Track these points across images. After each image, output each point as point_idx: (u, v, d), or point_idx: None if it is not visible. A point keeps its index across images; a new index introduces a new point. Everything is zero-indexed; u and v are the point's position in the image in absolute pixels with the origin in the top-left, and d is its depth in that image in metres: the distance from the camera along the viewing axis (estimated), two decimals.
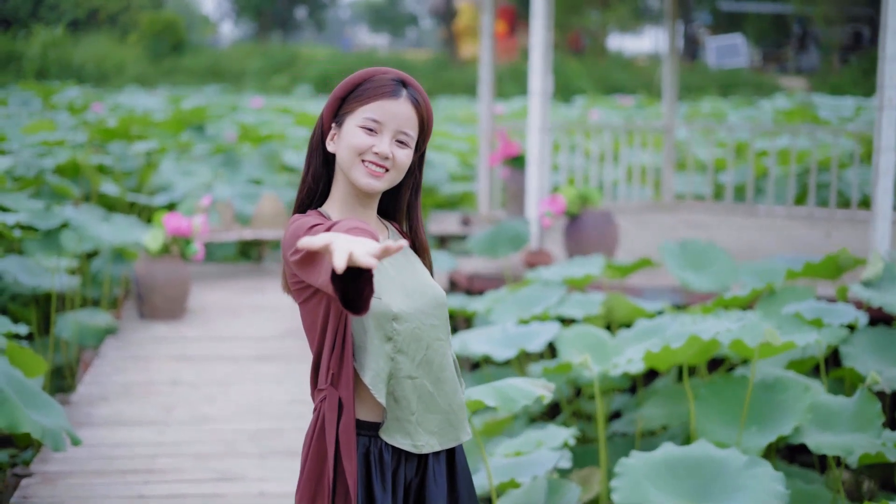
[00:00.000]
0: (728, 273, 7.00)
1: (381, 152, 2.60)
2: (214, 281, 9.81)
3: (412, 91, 2.66)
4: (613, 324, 6.82)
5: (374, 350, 2.57)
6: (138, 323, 8.17)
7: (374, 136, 2.61)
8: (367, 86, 2.63)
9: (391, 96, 2.62)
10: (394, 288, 2.62)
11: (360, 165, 2.61)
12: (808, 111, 17.83)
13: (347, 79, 2.67)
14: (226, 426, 5.86)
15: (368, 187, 2.62)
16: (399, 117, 2.62)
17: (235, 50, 43.38)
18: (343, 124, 2.64)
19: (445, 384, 2.69)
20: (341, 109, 2.66)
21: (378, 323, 2.57)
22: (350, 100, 2.64)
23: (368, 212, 2.72)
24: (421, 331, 2.63)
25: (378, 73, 2.66)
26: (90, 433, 5.67)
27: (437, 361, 2.67)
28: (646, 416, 5.48)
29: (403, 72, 2.69)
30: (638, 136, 12.03)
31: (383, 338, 2.58)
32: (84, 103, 18.73)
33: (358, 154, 2.61)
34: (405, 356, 2.60)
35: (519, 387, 3.68)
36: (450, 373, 2.71)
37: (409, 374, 2.61)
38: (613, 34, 48.24)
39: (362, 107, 2.61)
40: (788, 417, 4.59)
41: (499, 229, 8.41)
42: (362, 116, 2.61)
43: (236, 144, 13.86)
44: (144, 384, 6.61)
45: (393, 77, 2.65)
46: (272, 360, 7.20)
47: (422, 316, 2.64)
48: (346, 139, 2.62)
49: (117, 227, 8.66)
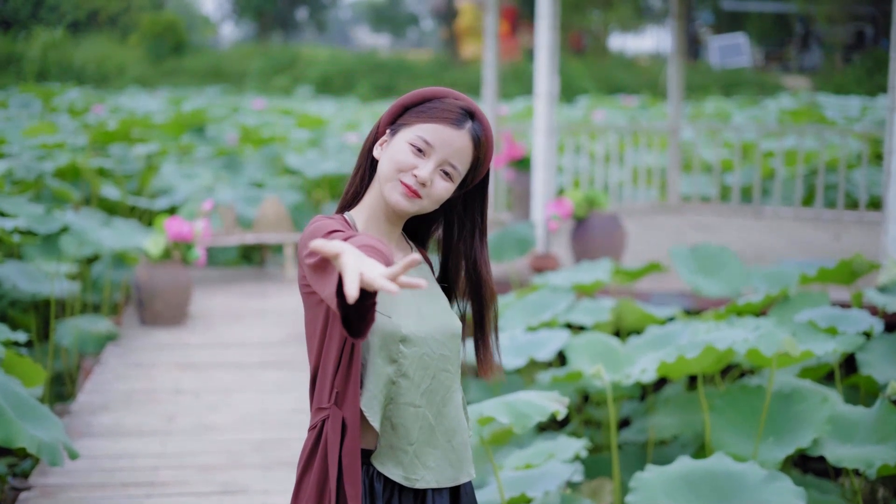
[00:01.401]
0: (739, 278, 6.89)
1: (421, 177, 2.44)
2: (216, 285, 9.71)
3: (477, 126, 2.50)
4: (623, 330, 6.71)
5: (374, 370, 2.43)
6: (139, 329, 8.05)
7: (420, 157, 2.45)
8: (434, 105, 2.49)
9: (453, 124, 2.47)
10: (407, 308, 2.48)
11: (397, 183, 2.46)
12: (813, 111, 17.70)
13: (418, 90, 2.52)
14: (229, 436, 5.75)
15: (397, 206, 2.48)
16: (452, 147, 2.46)
17: (236, 51, 43.25)
18: (396, 134, 2.49)
19: (446, 419, 2.53)
20: (401, 118, 2.51)
21: (383, 343, 2.43)
22: (412, 112, 2.49)
23: (394, 228, 2.57)
24: (429, 358, 2.48)
25: (450, 96, 2.51)
26: (91, 444, 5.56)
27: (442, 394, 2.52)
28: (658, 425, 5.37)
29: (474, 102, 2.54)
30: (643, 137, 11.93)
31: (386, 359, 2.44)
32: (85, 105, 18.63)
33: (398, 170, 2.46)
34: (409, 381, 2.46)
35: (532, 402, 3.56)
36: (453, 408, 2.55)
37: (411, 401, 2.47)
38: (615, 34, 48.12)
39: (421, 124, 2.46)
40: (806, 429, 4.48)
41: (504, 233, 8.30)
42: (416, 134, 2.46)
43: (238, 147, 13.75)
44: (146, 392, 6.50)
45: (462, 105, 2.50)
46: (276, 366, 7.09)
47: (432, 343, 2.49)
48: (392, 151, 2.47)
49: (118, 231, 8.55)
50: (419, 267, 2.60)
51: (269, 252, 10.64)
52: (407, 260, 1.97)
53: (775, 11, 40.61)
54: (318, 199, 12.77)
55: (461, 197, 2.59)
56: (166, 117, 16.03)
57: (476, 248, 2.61)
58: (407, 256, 1.99)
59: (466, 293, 2.65)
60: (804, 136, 11.23)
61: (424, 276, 2.59)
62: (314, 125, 17.05)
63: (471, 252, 2.61)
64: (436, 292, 2.59)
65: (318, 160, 12.68)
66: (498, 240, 8.24)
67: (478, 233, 2.62)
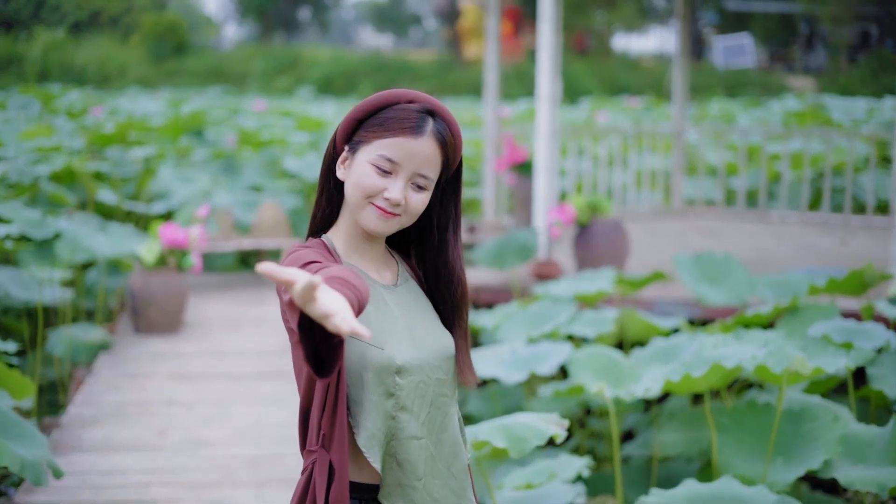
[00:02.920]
0: (745, 286, 6.73)
1: (393, 199, 2.28)
2: (213, 292, 9.55)
3: (439, 124, 2.32)
4: (626, 340, 6.55)
5: (371, 407, 2.27)
6: (133, 338, 7.90)
7: (387, 178, 2.29)
8: (389, 115, 2.29)
9: (413, 133, 2.28)
10: (399, 335, 2.32)
11: (370, 207, 2.30)
12: (819, 113, 17.54)
13: (368, 100, 2.32)
14: (222, 451, 5.59)
15: (376, 230, 2.32)
16: (418, 158, 2.29)
17: (238, 51, 43.12)
18: (356, 153, 2.32)
19: (444, 446, 2.38)
20: (357, 134, 2.33)
21: (378, 377, 2.26)
22: (367, 126, 2.31)
23: (375, 247, 2.41)
24: (426, 385, 2.33)
25: (402, 99, 2.31)
26: (80, 459, 5.41)
27: (439, 420, 2.37)
28: (662, 441, 5.21)
29: (430, 97, 2.34)
30: (647, 139, 11.77)
31: (384, 393, 2.27)
32: (83, 107, 18.49)
33: (367, 196, 2.30)
34: (409, 414, 2.30)
35: (530, 425, 3.41)
36: (451, 434, 2.40)
37: (414, 434, 2.31)
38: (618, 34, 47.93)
39: (379, 140, 2.28)
40: (817, 450, 4.32)
41: (506, 240, 8.14)
42: (376, 153, 2.28)
43: (236, 150, 13.60)
44: (138, 404, 6.34)
45: (419, 108, 2.31)
46: (272, 377, 6.93)
47: (428, 369, 2.33)
48: (355, 175, 2.30)
49: (113, 237, 8.37)
50: (407, 283, 2.44)
51: (267, 257, 10.48)
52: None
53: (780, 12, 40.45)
54: None
55: (437, 194, 2.42)
56: (165, 120, 15.88)
57: (449, 240, 2.43)
58: (354, 326, 1.80)
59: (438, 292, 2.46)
60: (810, 139, 11.07)
61: (412, 291, 2.43)
62: (314, 127, 16.90)
63: (444, 245, 2.43)
64: (426, 309, 2.43)
65: (317, 163, 12.52)
66: (499, 247, 8.08)
67: (451, 225, 2.44)
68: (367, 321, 2.28)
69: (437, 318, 2.44)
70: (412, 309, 2.39)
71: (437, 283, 2.45)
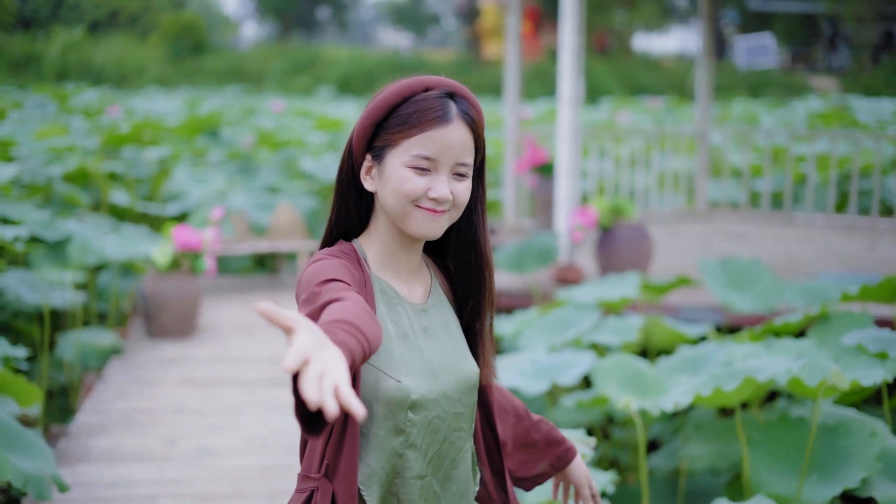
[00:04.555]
0: (773, 293, 6.52)
1: (441, 196, 2.08)
2: (227, 295, 9.38)
3: (462, 105, 2.11)
4: (651, 348, 6.34)
5: (377, 442, 2.07)
6: (145, 342, 7.73)
7: (427, 175, 2.08)
8: (410, 109, 2.08)
9: (441, 122, 2.07)
10: (419, 365, 2.11)
11: (415, 212, 2.10)
12: (844, 114, 17.26)
13: (381, 100, 2.11)
14: (232, 462, 5.41)
15: (429, 235, 2.12)
16: (454, 147, 2.09)
17: (257, 51, 43.05)
18: (384, 159, 2.11)
19: (453, 484, 2.18)
20: (377, 139, 2.12)
21: (390, 411, 2.06)
22: (389, 127, 2.10)
23: (412, 255, 2.21)
24: (441, 421, 2.13)
25: (418, 87, 2.10)
26: (86, 470, 5.24)
27: (451, 457, 2.17)
28: (689, 455, 5.00)
29: (444, 79, 2.14)
30: (670, 141, 11.55)
31: (392, 429, 2.08)
32: (99, 107, 18.36)
33: (411, 201, 2.09)
34: (416, 452, 2.11)
35: None
36: (462, 471, 2.20)
37: (418, 473, 2.12)
38: (638, 34, 47.65)
39: (407, 140, 2.07)
40: (854, 466, 4.09)
41: (526, 244, 7.95)
42: (409, 154, 2.07)
43: (252, 150, 13.43)
44: (148, 412, 6.17)
45: (439, 93, 2.10)
46: (284, 385, 6.75)
47: (445, 402, 2.13)
48: (392, 182, 2.09)
49: (125, 239, 8.21)
50: (438, 301, 2.24)
51: (282, 260, 10.31)
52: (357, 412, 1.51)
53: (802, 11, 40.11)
54: None
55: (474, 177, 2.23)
56: (180, 120, 15.73)
57: (477, 221, 2.24)
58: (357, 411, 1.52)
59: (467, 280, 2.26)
60: (836, 140, 10.84)
61: (442, 312, 2.23)
62: (332, 127, 16.73)
63: (472, 227, 2.24)
64: (453, 334, 2.22)
65: (334, 164, 12.35)
66: (520, 250, 7.89)
67: (478, 205, 2.24)
68: (387, 347, 2.09)
69: (465, 341, 2.24)
70: (439, 333, 2.20)
71: (466, 271, 2.26)
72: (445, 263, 2.32)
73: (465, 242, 2.25)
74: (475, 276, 2.26)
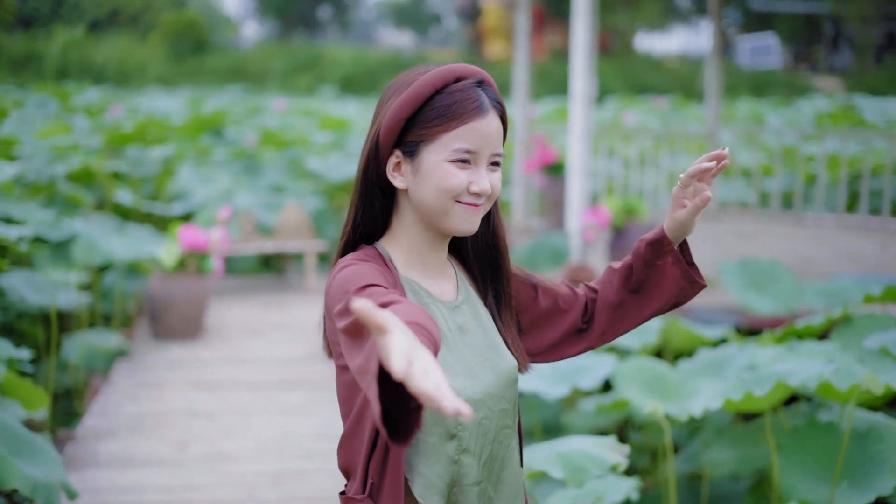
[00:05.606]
0: (792, 294, 6.42)
1: (484, 190, 1.99)
2: (234, 296, 9.27)
3: (490, 92, 2.02)
4: (668, 350, 6.23)
5: (429, 451, 1.95)
6: (152, 344, 7.62)
7: (467, 168, 1.98)
8: (446, 102, 1.97)
9: (480, 113, 1.97)
10: (460, 365, 2.00)
11: (456, 207, 1.99)
12: (852, 114, 17.16)
13: (412, 93, 1.99)
14: (245, 467, 5.30)
15: (469, 230, 2.02)
16: (492, 138, 1.99)
17: (259, 50, 42.92)
18: (418, 155, 1.99)
19: (505, 485, 2.07)
20: (409, 133, 2.00)
21: (438, 417, 1.94)
22: (423, 122, 1.98)
23: (440, 254, 2.11)
24: (489, 421, 2.01)
25: (449, 77, 1.99)
26: (95, 475, 5.13)
27: (501, 457, 2.06)
28: (712, 460, 4.89)
29: (471, 66, 2.04)
30: (679, 140, 11.44)
31: (444, 435, 1.96)
32: (102, 105, 18.25)
33: (453, 197, 1.98)
34: (471, 457, 1.99)
35: (589, 453, 3.11)
36: (512, 471, 2.09)
37: (475, 479, 2.00)
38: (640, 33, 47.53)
39: (446, 133, 1.96)
40: (887, 472, 3.98)
41: (538, 244, 7.84)
42: (450, 148, 1.96)
43: (257, 149, 13.32)
44: (157, 415, 6.06)
45: (473, 83, 2.00)
46: (296, 387, 6.64)
47: (490, 401, 2.02)
48: (434, 178, 1.98)
49: (131, 239, 8.09)
50: (468, 297, 2.13)
51: (289, 260, 10.19)
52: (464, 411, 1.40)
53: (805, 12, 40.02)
54: (341, 204, 12.33)
55: None
56: (184, 118, 15.62)
57: (495, 205, 2.14)
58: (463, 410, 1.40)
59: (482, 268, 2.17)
60: (846, 140, 10.73)
61: (473, 308, 2.12)
62: (337, 127, 16.61)
63: (490, 212, 2.15)
64: (488, 329, 2.11)
65: (340, 163, 12.25)
66: (531, 250, 7.79)
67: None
68: None
69: (499, 336, 2.12)
70: (474, 330, 2.09)
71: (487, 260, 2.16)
72: (461, 255, 2.21)
73: (487, 230, 2.16)
74: (495, 264, 2.17)
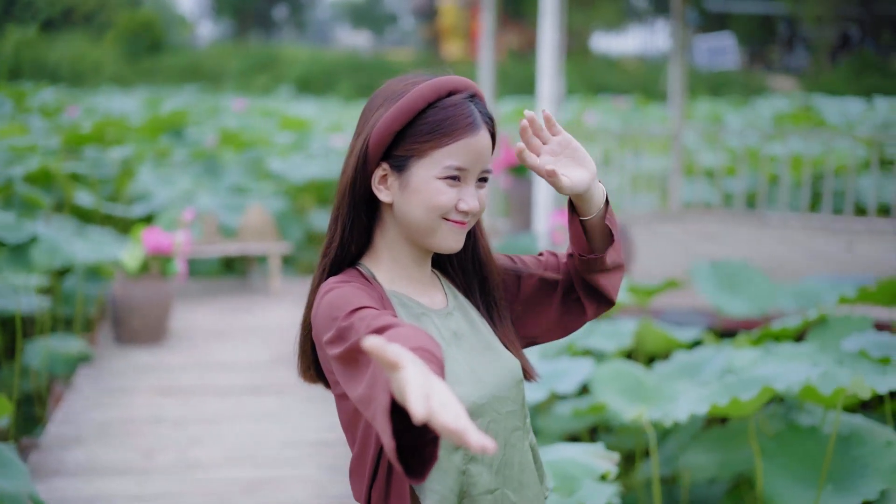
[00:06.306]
0: (765, 296, 6.41)
1: (472, 209, 1.92)
2: (197, 299, 9.14)
3: (480, 106, 1.95)
4: (640, 353, 6.19)
5: (437, 465, 1.88)
6: (115, 349, 7.48)
7: (456, 186, 1.91)
8: (440, 116, 1.89)
9: (473, 130, 1.90)
10: (461, 372, 1.93)
11: (444, 225, 1.92)
12: (811, 114, 17.25)
13: (404, 103, 1.90)
14: (216, 475, 5.19)
15: (454, 250, 1.96)
16: (483, 155, 1.92)
17: (214, 49, 42.64)
18: (406, 169, 1.91)
19: (528, 489, 2.00)
20: (398, 147, 1.92)
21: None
22: (414, 136, 1.90)
23: (424, 270, 2.04)
24: (497, 424, 1.94)
25: (442, 90, 1.91)
26: (62, 485, 5.01)
27: (517, 460, 1.99)
28: (692, 464, 4.84)
29: (462, 79, 1.95)
30: (644, 141, 11.44)
31: (449, 446, 1.88)
32: (58, 106, 18.00)
33: (441, 215, 1.92)
34: (481, 465, 1.92)
35: (578, 461, 3.05)
36: (531, 473, 2.02)
37: (487, 487, 1.93)
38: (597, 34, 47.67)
39: (438, 149, 1.88)
40: (870, 477, 3.96)
41: (504, 245, 7.79)
42: (441, 164, 1.89)
43: (217, 150, 13.17)
44: (123, 422, 5.93)
45: (466, 97, 1.93)
46: (265, 392, 6.53)
47: (497, 404, 1.95)
48: (422, 195, 1.90)
49: (92, 242, 7.93)
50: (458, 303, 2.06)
51: (253, 262, 10.07)
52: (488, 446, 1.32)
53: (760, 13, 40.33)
54: (304, 205, 12.22)
55: None
56: (143, 118, 15.43)
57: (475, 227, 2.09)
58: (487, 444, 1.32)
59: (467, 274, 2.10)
60: (808, 139, 10.77)
61: (465, 312, 2.05)
62: (297, 127, 16.48)
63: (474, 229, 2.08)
64: (484, 331, 2.04)
65: (302, 164, 12.14)
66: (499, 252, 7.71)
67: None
68: None
69: (496, 337, 2.06)
70: (469, 335, 2.01)
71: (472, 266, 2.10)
72: (443, 268, 2.13)
73: (469, 245, 2.09)
74: (481, 276, 2.10)
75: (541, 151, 1.96)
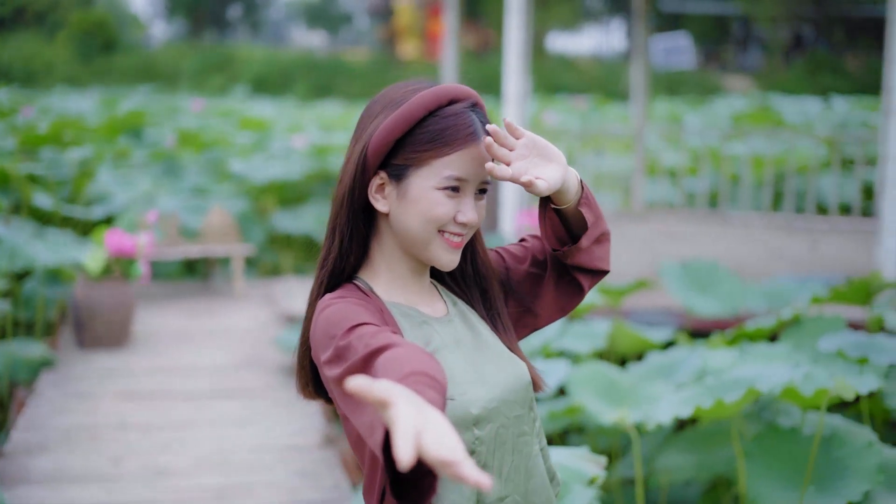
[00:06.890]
0: (735, 296, 6.41)
1: (470, 221, 1.87)
2: (159, 302, 9.01)
3: (480, 115, 1.91)
4: (612, 353, 6.16)
5: None
6: (78, 353, 7.36)
7: (455, 197, 1.86)
8: (440, 125, 1.84)
9: (474, 140, 1.86)
10: (468, 378, 1.87)
11: (438, 239, 1.88)
12: (769, 114, 17.35)
13: (404, 111, 1.85)
14: (185, 481, 5.10)
15: (449, 265, 1.91)
16: (482, 164, 1.88)
17: (168, 49, 42.25)
18: (405, 179, 1.86)
19: (536, 495, 1.94)
20: (397, 156, 1.87)
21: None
22: (414, 145, 1.85)
23: (423, 281, 1.99)
24: (505, 430, 1.89)
25: (443, 98, 1.86)
26: (28, 492, 4.89)
27: (525, 466, 1.93)
28: (670, 465, 4.82)
29: (461, 87, 1.90)
30: (606, 140, 11.44)
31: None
32: (12, 106, 17.73)
33: (438, 227, 1.87)
34: (490, 471, 1.87)
35: (567, 466, 3.00)
36: (540, 478, 1.96)
37: (498, 495, 1.87)
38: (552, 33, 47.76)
39: (439, 159, 1.84)
40: (852, 478, 3.94)
41: None
42: (441, 175, 1.84)
43: (176, 150, 13.02)
44: (89, 428, 5.82)
45: (466, 104, 1.89)
46: (232, 396, 6.44)
47: (505, 408, 1.89)
48: (420, 205, 1.85)
49: (51, 244, 7.80)
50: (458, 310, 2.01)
51: (215, 265, 9.95)
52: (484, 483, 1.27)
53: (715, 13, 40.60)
54: (266, 207, 12.11)
55: None
56: (100, 119, 15.24)
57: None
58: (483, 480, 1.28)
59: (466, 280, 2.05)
60: (770, 139, 10.81)
61: (466, 318, 2.00)
62: (257, 127, 16.35)
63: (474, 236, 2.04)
64: (487, 336, 1.98)
65: (263, 165, 12.02)
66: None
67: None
68: None
69: (500, 341, 2.00)
70: (472, 340, 1.96)
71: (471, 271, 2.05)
72: (442, 279, 2.08)
73: (467, 257, 2.05)
74: (482, 288, 2.06)
75: (510, 159, 1.90)
